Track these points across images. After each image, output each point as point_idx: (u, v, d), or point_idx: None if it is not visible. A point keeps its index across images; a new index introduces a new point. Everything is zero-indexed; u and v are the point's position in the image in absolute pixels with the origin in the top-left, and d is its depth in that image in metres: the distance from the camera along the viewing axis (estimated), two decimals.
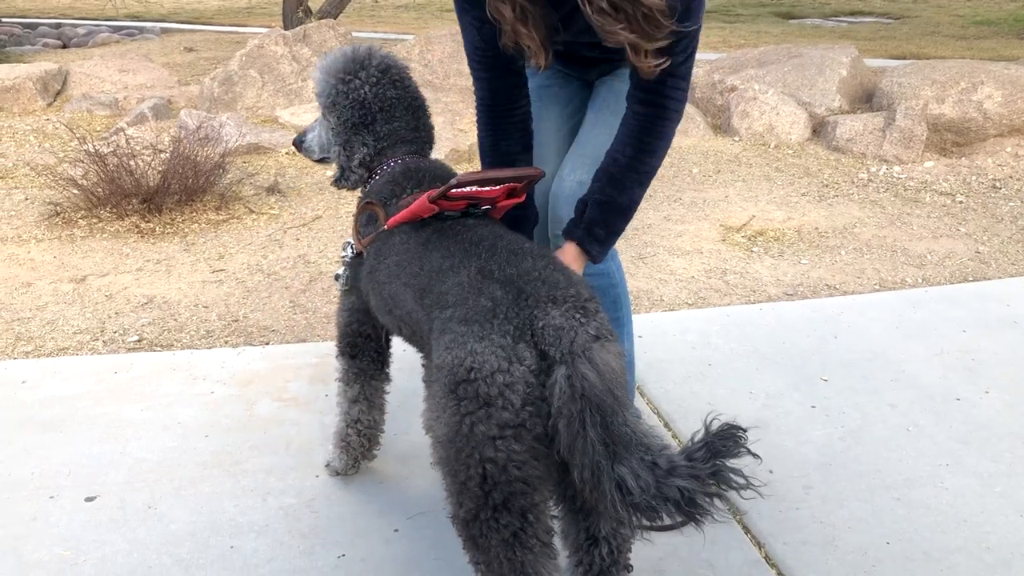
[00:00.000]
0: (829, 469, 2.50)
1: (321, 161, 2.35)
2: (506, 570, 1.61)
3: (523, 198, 2.05)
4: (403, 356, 2.53)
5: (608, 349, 1.52)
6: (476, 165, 5.53)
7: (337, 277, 2.26)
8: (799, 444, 2.62)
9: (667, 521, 1.49)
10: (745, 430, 1.48)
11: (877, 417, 2.76)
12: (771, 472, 2.47)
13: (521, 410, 1.52)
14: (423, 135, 2.26)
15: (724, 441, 1.46)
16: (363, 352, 2.28)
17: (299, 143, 2.38)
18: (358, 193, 2.28)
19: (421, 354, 2.04)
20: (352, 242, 2.18)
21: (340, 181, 2.25)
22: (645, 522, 1.48)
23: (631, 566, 1.85)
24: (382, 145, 2.20)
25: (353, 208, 2.30)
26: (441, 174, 2.14)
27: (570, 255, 2.08)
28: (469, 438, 1.55)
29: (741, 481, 1.44)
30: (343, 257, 2.21)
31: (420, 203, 1.90)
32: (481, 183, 1.89)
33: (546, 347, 1.54)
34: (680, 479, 1.43)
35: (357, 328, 2.26)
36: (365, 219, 2.13)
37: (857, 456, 2.56)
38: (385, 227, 2.00)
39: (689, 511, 1.43)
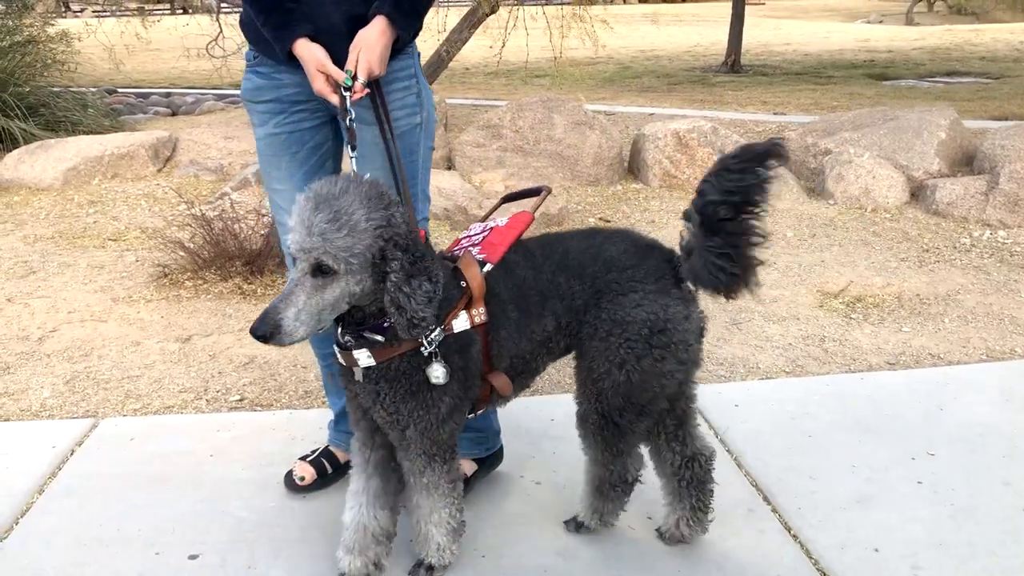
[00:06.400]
0: (939, 549, 2.39)
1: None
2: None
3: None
4: None
5: None
6: (565, 227, 5.56)
7: (437, 377, 1.99)
8: (905, 521, 2.52)
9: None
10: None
11: (990, 495, 2.64)
12: (876, 551, 2.38)
13: (694, 347, 2.24)
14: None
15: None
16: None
17: (276, 327, 1.82)
18: None
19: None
20: (438, 328, 1.99)
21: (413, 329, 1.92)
22: None
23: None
24: None
25: None
26: (435, 254, 2.09)
27: (378, 29, 2.23)
28: (659, 376, 2.16)
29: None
30: (429, 351, 1.98)
31: (522, 220, 2.21)
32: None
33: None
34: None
35: (457, 426, 2.13)
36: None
37: (970, 536, 2.44)
38: (497, 258, 2.11)
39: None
